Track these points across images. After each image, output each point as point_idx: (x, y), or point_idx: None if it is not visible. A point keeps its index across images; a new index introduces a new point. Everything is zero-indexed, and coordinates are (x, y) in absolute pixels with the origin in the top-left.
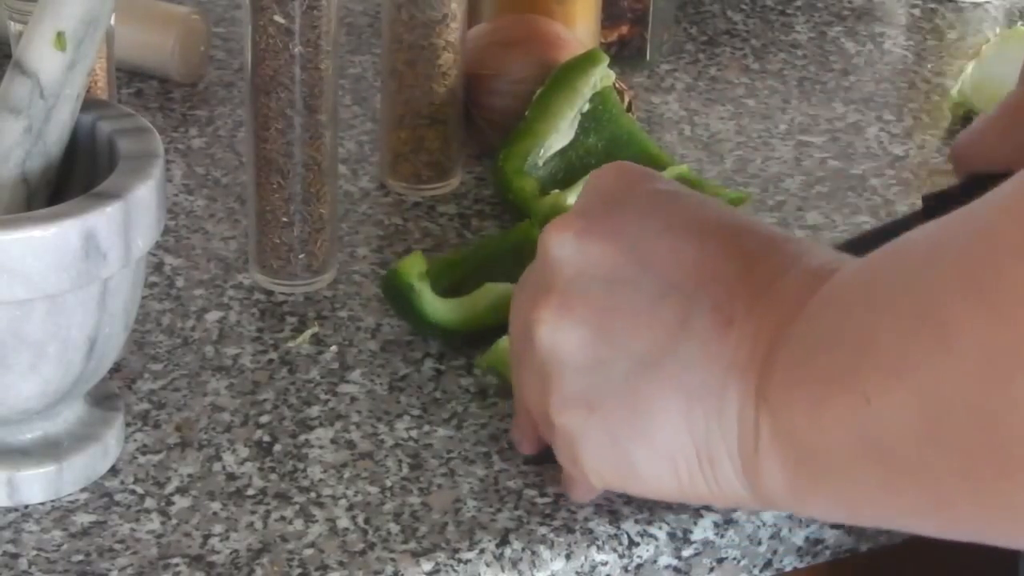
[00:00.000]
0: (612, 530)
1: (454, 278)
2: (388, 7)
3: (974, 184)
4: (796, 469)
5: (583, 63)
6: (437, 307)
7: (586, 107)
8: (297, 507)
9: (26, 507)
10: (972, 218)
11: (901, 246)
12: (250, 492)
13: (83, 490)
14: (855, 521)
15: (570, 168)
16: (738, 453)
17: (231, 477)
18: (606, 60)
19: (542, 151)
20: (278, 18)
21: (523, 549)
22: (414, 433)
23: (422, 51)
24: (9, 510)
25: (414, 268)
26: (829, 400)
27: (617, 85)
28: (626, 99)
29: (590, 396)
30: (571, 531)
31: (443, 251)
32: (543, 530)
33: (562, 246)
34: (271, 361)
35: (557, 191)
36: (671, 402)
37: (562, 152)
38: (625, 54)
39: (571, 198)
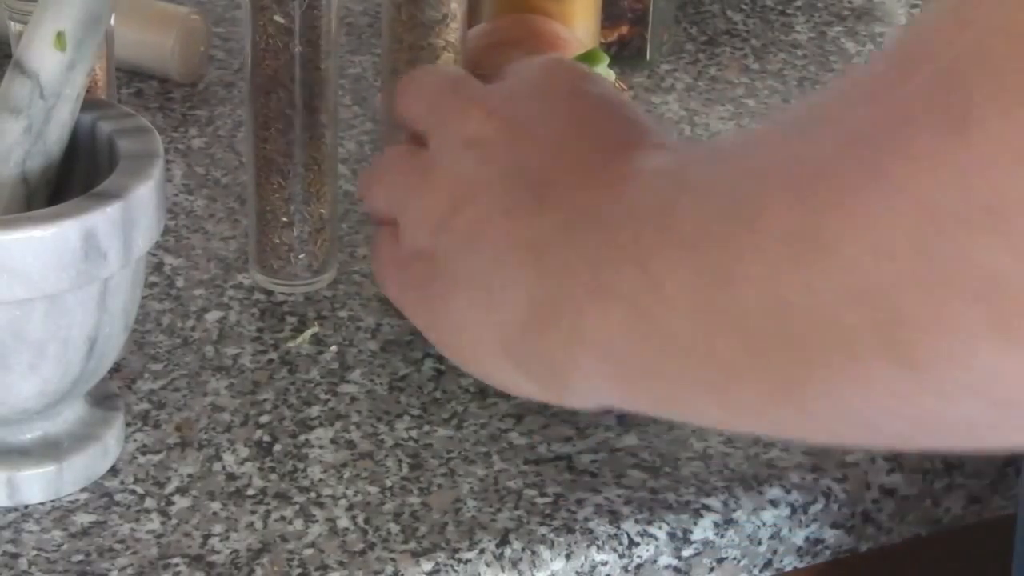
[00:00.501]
0: (612, 530)
1: None
2: (388, 7)
3: None
4: (572, 348)
5: (583, 63)
6: None
7: None
8: (297, 507)
9: (26, 507)
10: (797, 119)
11: (719, 142)
12: (250, 492)
13: (83, 490)
14: (638, 404)
15: None
16: (519, 336)
17: (231, 477)
18: (606, 60)
19: None
20: (278, 18)
21: (523, 549)
22: (414, 433)
23: (422, 51)
24: (9, 510)
25: None
26: (615, 278)
27: (617, 85)
28: None
29: (428, 252)
30: (571, 531)
31: None
32: (543, 530)
33: (475, 118)
34: (271, 361)
35: None
36: (473, 277)
37: None
38: (625, 54)
39: None
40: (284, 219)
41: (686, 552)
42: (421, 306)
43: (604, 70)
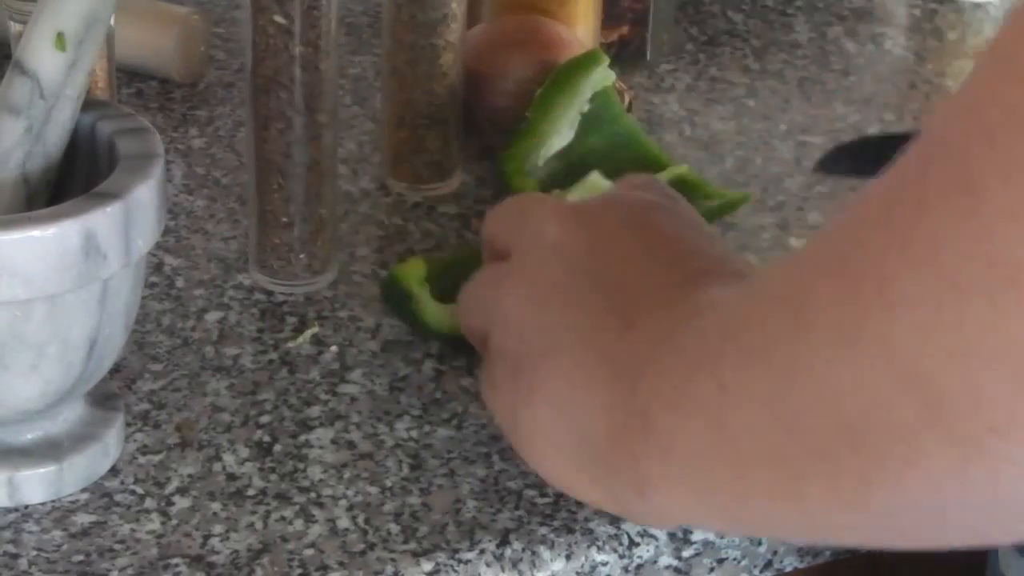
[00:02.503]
0: (612, 530)
1: (454, 279)
2: (388, 7)
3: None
4: (650, 460)
5: (584, 63)
6: (438, 314)
7: (586, 107)
8: (297, 507)
9: (26, 507)
10: (840, 214)
11: (794, 253)
12: (250, 492)
13: (83, 490)
14: (710, 521)
15: (570, 169)
16: (599, 452)
17: (231, 477)
18: (606, 60)
19: (543, 152)
20: (278, 18)
21: (523, 549)
22: (414, 433)
23: (422, 51)
24: (9, 510)
25: (413, 274)
26: (687, 388)
27: (617, 85)
28: (626, 99)
29: (515, 356)
30: (571, 531)
31: (443, 252)
32: (543, 530)
33: (558, 225)
34: (271, 361)
35: (558, 191)
36: (558, 388)
37: (562, 153)
38: (625, 54)
39: (571, 199)
40: (284, 219)
41: (686, 552)
42: (505, 408)
43: (604, 70)
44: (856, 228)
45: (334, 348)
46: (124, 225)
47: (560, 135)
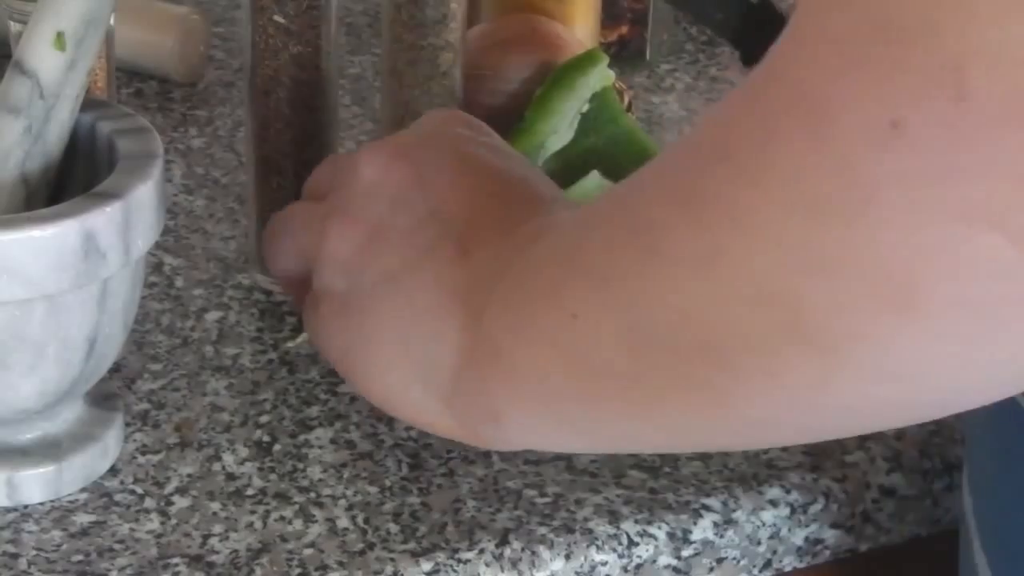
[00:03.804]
0: (612, 530)
1: None
2: (388, 7)
3: None
4: (501, 386)
5: (583, 63)
6: None
7: (585, 107)
8: (297, 507)
9: (25, 507)
10: (675, 146)
11: (623, 183)
12: (250, 492)
13: (83, 490)
14: (566, 443)
15: (569, 169)
16: (448, 379)
17: (231, 477)
18: (606, 60)
19: (541, 152)
20: (278, 18)
21: (523, 549)
22: (414, 433)
23: (422, 51)
24: (9, 510)
25: None
26: (534, 318)
27: (616, 85)
28: (626, 99)
29: (343, 295)
30: (571, 531)
31: None
32: (543, 530)
33: (371, 164)
34: (271, 361)
35: None
36: (397, 320)
37: (561, 153)
38: (625, 54)
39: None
40: None
41: (686, 552)
42: (338, 349)
43: (603, 70)
44: (702, 156)
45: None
46: (123, 225)
47: (558, 135)
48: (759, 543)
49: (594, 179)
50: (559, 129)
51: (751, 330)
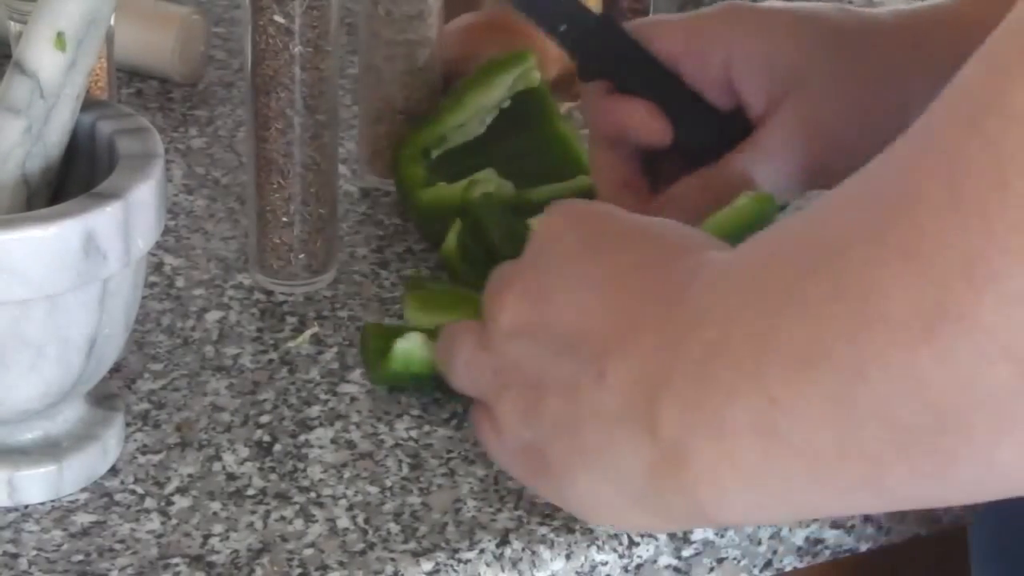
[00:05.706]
0: (612, 530)
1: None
2: (366, 3)
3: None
4: (700, 489)
5: (506, 62)
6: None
7: (506, 103)
8: (297, 507)
9: (26, 507)
10: (866, 191)
11: (767, 236)
12: (250, 492)
13: (83, 490)
14: (782, 517)
15: (473, 164)
16: (651, 492)
17: (231, 477)
18: (532, 61)
19: (443, 143)
20: (278, 18)
21: (523, 549)
22: (414, 433)
23: (399, 47)
24: (9, 510)
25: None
26: (722, 410)
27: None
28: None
29: (523, 438)
30: (571, 531)
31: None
32: (543, 530)
33: (504, 310)
34: (271, 361)
35: (442, 184)
36: (581, 458)
37: (469, 146)
38: None
39: (454, 188)
40: (284, 219)
41: (686, 552)
42: (551, 492)
43: (528, 71)
44: (921, 204)
45: (334, 348)
46: (124, 225)
47: (465, 128)
48: (759, 543)
49: (488, 175)
50: (467, 123)
51: (981, 388)
